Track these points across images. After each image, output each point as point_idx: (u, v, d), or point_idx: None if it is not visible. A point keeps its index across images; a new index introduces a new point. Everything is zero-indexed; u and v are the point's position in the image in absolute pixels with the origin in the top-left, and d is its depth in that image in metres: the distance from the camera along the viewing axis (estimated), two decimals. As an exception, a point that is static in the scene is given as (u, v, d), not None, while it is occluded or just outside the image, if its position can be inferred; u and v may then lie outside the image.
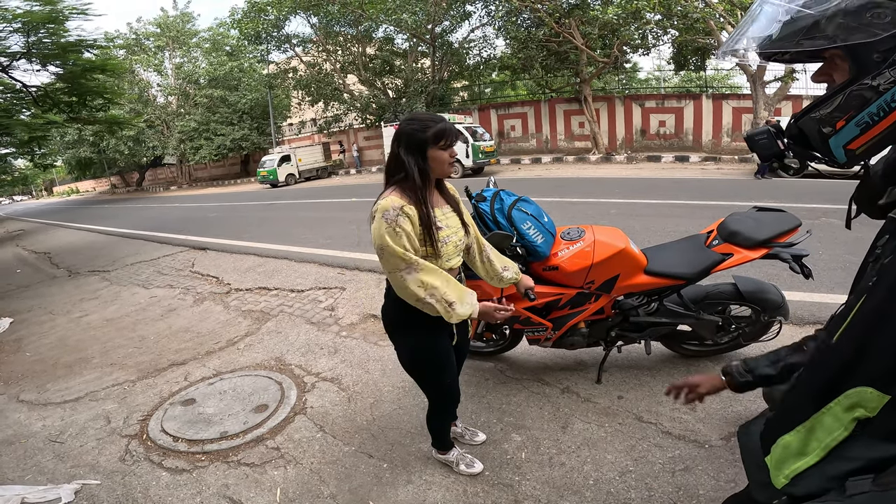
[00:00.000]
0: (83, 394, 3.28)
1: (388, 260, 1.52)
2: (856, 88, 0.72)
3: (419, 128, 1.54)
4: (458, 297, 1.56)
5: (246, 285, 5.32)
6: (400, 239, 1.51)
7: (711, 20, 13.72)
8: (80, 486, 2.30)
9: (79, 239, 11.61)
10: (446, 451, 2.15)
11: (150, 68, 28.83)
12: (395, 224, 1.50)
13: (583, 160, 17.20)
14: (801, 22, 0.74)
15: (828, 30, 0.71)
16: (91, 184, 47.02)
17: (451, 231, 1.68)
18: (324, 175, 23.21)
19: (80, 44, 9.19)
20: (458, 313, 1.55)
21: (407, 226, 1.52)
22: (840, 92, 0.75)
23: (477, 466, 2.13)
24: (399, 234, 1.51)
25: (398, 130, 1.58)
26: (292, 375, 3.18)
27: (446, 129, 1.56)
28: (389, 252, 1.50)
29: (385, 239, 1.49)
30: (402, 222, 1.51)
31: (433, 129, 1.54)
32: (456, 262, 1.74)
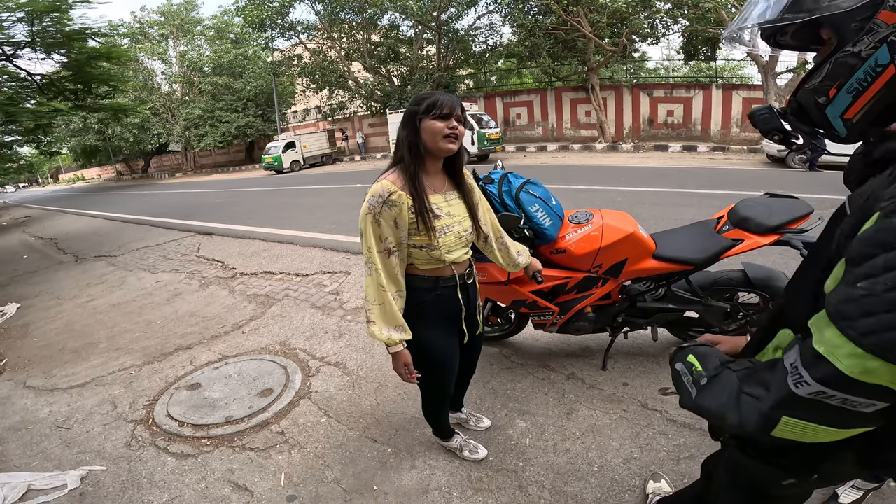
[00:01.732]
0: (90, 379, 3.29)
1: (363, 247, 1.50)
2: (840, 56, 0.75)
3: (415, 102, 1.48)
4: (381, 320, 1.51)
5: (251, 270, 5.33)
6: (377, 229, 1.45)
7: (723, 10, 13.49)
8: (86, 472, 2.31)
9: (85, 225, 11.66)
10: (448, 439, 2.14)
11: (154, 56, 28.76)
12: (376, 212, 1.44)
13: (589, 149, 17.06)
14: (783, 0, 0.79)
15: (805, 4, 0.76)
16: (96, 171, 47.14)
17: (454, 220, 1.56)
18: (328, 161, 23.18)
19: (84, 32, 9.17)
20: (372, 331, 1.52)
21: (391, 217, 1.44)
22: (826, 61, 0.78)
23: (481, 452, 2.13)
24: (377, 224, 1.45)
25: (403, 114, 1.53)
26: (297, 360, 3.18)
27: (440, 99, 1.44)
28: (364, 239, 1.48)
29: (362, 225, 1.47)
30: (385, 213, 1.43)
31: (427, 100, 1.45)
32: (459, 255, 1.61)
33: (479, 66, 22.60)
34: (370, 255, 1.47)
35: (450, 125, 1.45)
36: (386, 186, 1.44)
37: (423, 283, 1.60)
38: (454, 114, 1.45)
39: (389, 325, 1.52)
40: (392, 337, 1.52)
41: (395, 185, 1.45)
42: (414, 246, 1.53)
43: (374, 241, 1.46)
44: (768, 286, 2.40)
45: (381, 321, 1.52)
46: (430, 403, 2.00)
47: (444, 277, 1.62)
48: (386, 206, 1.43)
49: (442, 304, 1.66)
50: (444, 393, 1.92)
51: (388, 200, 1.43)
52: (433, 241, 1.50)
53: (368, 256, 1.48)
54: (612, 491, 1.88)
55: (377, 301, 1.51)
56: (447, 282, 1.63)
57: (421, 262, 1.57)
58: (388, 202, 1.43)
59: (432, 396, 1.96)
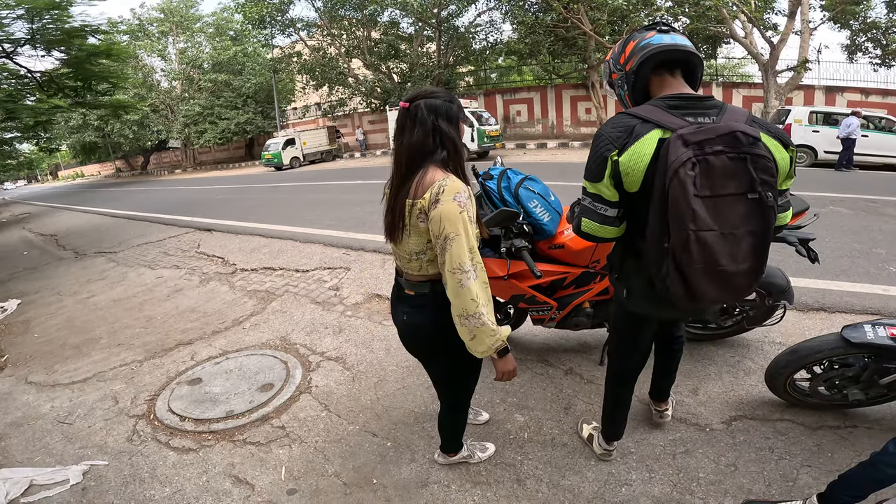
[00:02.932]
0: (91, 374, 3.31)
1: (460, 252, 1.30)
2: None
3: (449, 98, 1.40)
4: (492, 320, 1.37)
5: (251, 265, 5.34)
6: (471, 227, 1.34)
7: (724, 8, 13.46)
8: (88, 467, 2.32)
9: (84, 221, 11.66)
10: (457, 453, 2.03)
11: (153, 53, 28.71)
12: (468, 209, 1.32)
13: (589, 146, 17.02)
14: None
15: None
16: (96, 168, 47.08)
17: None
18: (328, 158, 23.18)
19: (84, 29, 9.17)
20: (501, 337, 1.37)
21: (474, 212, 1.37)
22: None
23: (490, 448, 2.13)
24: (472, 221, 1.33)
25: (428, 104, 1.37)
26: (297, 355, 3.21)
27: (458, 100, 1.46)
28: (462, 243, 1.30)
29: (461, 226, 1.30)
30: (472, 208, 1.35)
31: (456, 101, 1.43)
32: None
33: (480, 63, 22.59)
34: (474, 255, 1.34)
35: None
36: (460, 182, 1.37)
37: None
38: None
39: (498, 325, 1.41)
40: (506, 331, 1.43)
41: (462, 182, 1.39)
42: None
43: (473, 241, 1.35)
44: (764, 282, 2.42)
45: (493, 321, 1.38)
46: (465, 405, 1.87)
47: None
48: (471, 202, 1.37)
49: None
50: (473, 391, 1.87)
51: (472, 195, 1.38)
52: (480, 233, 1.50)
53: (471, 258, 1.33)
54: (608, 484, 1.91)
55: (489, 301, 1.38)
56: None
57: None
58: (471, 197, 1.38)
59: (466, 398, 1.84)
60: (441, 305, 1.43)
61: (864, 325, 1.90)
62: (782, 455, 1.95)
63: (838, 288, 3.36)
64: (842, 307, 3.08)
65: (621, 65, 1.48)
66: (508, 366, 1.47)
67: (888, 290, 3.29)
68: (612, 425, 1.96)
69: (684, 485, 1.87)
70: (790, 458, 1.94)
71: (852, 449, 1.95)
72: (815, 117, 11.21)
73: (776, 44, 13.90)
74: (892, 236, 4.47)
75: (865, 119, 10.85)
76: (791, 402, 2.19)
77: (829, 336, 2.00)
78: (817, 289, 3.34)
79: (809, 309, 3.10)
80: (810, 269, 3.32)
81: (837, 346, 1.93)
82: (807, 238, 2.15)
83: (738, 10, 13.42)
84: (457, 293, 1.33)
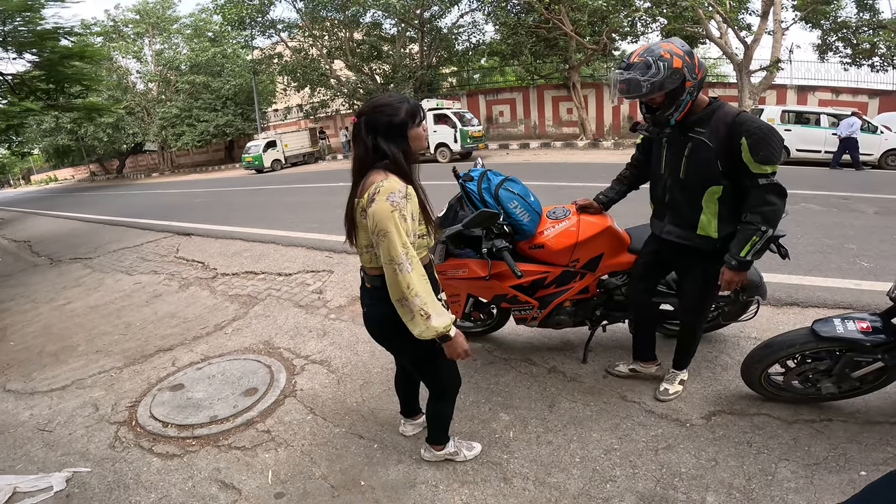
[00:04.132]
0: (70, 382, 3.25)
1: (391, 247, 1.44)
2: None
3: (392, 112, 1.49)
4: (435, 311, 1.49)
5: (233, 270, 5.28)
6: (405, 224, 1.46)
7: (700, 8, 13.74)
8: (72, 474, 2.29)
9: (59, 227, 11.36)
10: (445, 444, 2.07)
11: (128, 55, 28.10)
12: (401, 208, 1.44)
13: (570, 146, 17.24)
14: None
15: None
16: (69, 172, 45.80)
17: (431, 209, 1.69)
18: (311, 160, 22.99)
19: (56, 31, 8.94)
20: (434, 325, 1.48)
21: (411, 210, 1.48)
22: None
23: (476, 447, 2.15)
24: (405, 219, 1.46)
25: (368, 121, 1.50)
26: (281, 358, 3.18)
27: (416, 105, 1.54)
28: (393, 238, 1.43)
29: (391, 223, 1.43)
30: (408, 206, 1.47)
31: (405, 108, 1.51)
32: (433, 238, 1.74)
33: (462, 63, 22.64)
34: (407, 249, 1.45)
35: (424, 127, 1.59)
36: (398, 182, 1.48)
37: None
38: (425, 116, 1.60)
39: (441, 312, 1.51)
40: (449, 318, 1.53)
41: (402, 182, 1.49)
42: (420, 236, 1.59)
43: (405, 236, 1.46)
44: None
45: (436, 309, 1.50)
46: (450, 394, 1.92)
47: (427, 264, 1.69)
48: (406, 200, 1.47)
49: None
50: (458, 378, 1.91)
51: (407, 194, 1.48)
52: (430, 229, 1.62)
53: (405, 252, 1.45)
54: (594, 481, 1.94)
55: (428, 290, 1.49)
56: (429, 267, 1.70)
57: (419, 252, 1.61)
58: (407, 196, 1.48)
59: (450, 385, 1.90)
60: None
61: (834, 320, 1.96)
62: (760, 449, 2.01)
63: (811, 283, 3.46)
64: (814, 302, 3.18)
65: (696, 73, 1.73)
66: (451, 350, 1.57)
67: (859, 285, 3.40)
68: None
69: (667, 480, 1.91)
70: (768, 452, 1.99)
71: (828, 442, 2.00)
72: (787, 116, 11.51)
73: (750, 44, 14.25)
74: (863, 232, 4.63)
75: (836, 117, 11.18)
76: (767, 396, 2.25)
77: (800, 330, 2.07)
78: (790, 284, 3.44)
79: (783, 304, 3.19)
80: (783, 265, 3.41)
81: (808, 340, 1.99)
82: (777, 235, 2.22)
83: (713, 10, 13.71)
84: (392, 281, 1.48)
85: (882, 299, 3.03)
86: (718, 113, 1.81)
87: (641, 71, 1.71)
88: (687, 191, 1.93)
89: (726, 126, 1.77)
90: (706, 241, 1.97)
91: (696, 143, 1.83)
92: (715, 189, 1.86)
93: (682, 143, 1.89)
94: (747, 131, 1.72)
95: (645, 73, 1.70)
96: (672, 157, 1.95)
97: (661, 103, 1.79)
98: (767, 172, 1.73)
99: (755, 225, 1.79)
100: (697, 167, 1.86)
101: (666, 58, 1.69)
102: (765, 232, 1.79)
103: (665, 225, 2.09)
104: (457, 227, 2.21)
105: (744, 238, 1.83)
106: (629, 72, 1.74)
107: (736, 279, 1.91)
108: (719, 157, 1.79)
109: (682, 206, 1.97)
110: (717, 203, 1.88)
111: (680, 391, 2.36)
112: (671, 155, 1.95)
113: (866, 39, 15.09)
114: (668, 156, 1.97)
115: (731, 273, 1.90)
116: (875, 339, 1.86)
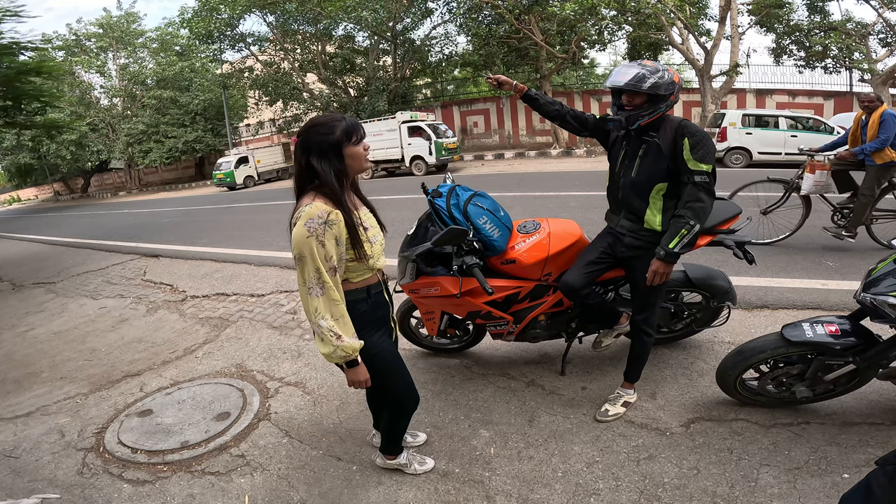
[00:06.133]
0: (34, 408, 3.13)
1: (304, 271, 1.47)
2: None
3: (326, 131, 1.48)
4: (347, 331, 1.53)
5: (203, 292, 5.13)
6: (322, 250, 1.46)
7: (662, 15, 14.20)
8: (41, 500, 2.20)
9: (21, 250, 10.90)
10: (397, 455, 2.11)
11: (91, 70, 27.28)
12: (318, 234, 1.45)
13: (544, 155, 17.48)
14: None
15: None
16: (33, 191, 44.13)
17: (375, 231, 1.67)
18: (285, 176, 22.66)
19: (13, 46, 8.64)
20: (344, 345, 1.51)
21: (332, 236, 1.48)
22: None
23: (429, 462, 2.15)
24: (322, 245, 1.46)
25: (302, 141, 1.50)
26: (254, 381, 3.09)
27: (354, 124, 1.52)
28: (307, 263, 1.46)
29: (306, 249, 1.44)
30: (327, 233, 1.46)
31: (341, 127, 1.49)
32: (383, 261, 1.73)
33: (436, 75, 22.79)
34: (319, 275, 1.47)
35: (365, 146, 1.58)
36: (321, 208, 1.47)
37: (358, 294, 1.66)
38: (364, 136, 1.58)
39: (352, 335, 1.56)
40: (358, 344, 1.56)
41: (328, 206, 1.48)
42: (351, 259, 1.59)
43: (321, 262, 1.47)
44: (709, 285, 2.53)
45: (347, 332, 1.54)
46: (403, 410, 1.95)
47: (373, 285, 1.71)
48: (327, 226, 1.46)
49: (376, 310, 1.74)
50: (414, 394, 1.91)
51: (328, 220, 1.46)
52: (367, 251, 1.59)
53: (318, 277, 1.47)
54: (577, 495, 1.92)
55: (336, 315, 1.52)
56: (376, 288, 1.73)
57: (356, 274, 1.64)
58: (328, 222, 1.46)
59: (407, 399, 1.91)
60: None
61: (803, 324, 1.99)
62: (741, 455, 2.02)
63: (779, 285, 3.56)
64: (783, 303, 3.26)
65: (677, 95, 2.03)
66: (355, 376, 1.61)
67: (826, 284, 3.51)
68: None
69: (651, 491, 1.90)
70: (749, 457, 2.00)
71: (808, 445, 2.03)
72: (748, 120, 11.85)
73: (710, 49, 14.76)
74: (825, 232, 4.78)
75: (794, 120, 11.61)
76: (743, 401, 2.27)
77: (770, 336, 2.10)
78: (759, 286, 3.52)
79: (753, 307, 3.26)
80: (751, 269, 3.50)
81: (779, 345, 2.02)
82: (743, 241, 2.27)
83: (675, 17, 14.18)
84: (304, 302, 1.52)
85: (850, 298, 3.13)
86: (666, 120, 2.05)
87: (650, 70, 1.93)
88: (637, 187, 2.12)
89: (672, 129, 2.01)
90: (653, 235, 2.12)
91: (651, 144, 2.05)
92: (661, 186, 2.06)
93: (637, 146, 2.11)
94: (690, 133, 1.96)
95: (653, 74, 1.92)
96: (628, 159, 2.16)
97: (641, 105, 1.98)
98: (703, 170, 1.93)
99: (685, 219, 1.96)
100: (649, 166, 2.06)
101: (669, 72, 1.96)
102: (693, 226, 1.95)
103: (619, 220, 2.25)
104: (426, 246, 2.18)
105: (674, 231, 1.99)
106: (640, 66, 1.95)
107: (662, 270, 2.03)
108: (667, 157, 2.01)
109: (632, 201, 2.15)
110: (661, 199, 2.08)
111: (621, 413, 2.34)
112: (627, 156, 2.16)
113: (818, 42, 15.55)
114: (624, 157, 2.17)
115: (659, 263, 2.02)
116: (845, 342, 1.89)
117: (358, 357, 1.58)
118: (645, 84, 1.91)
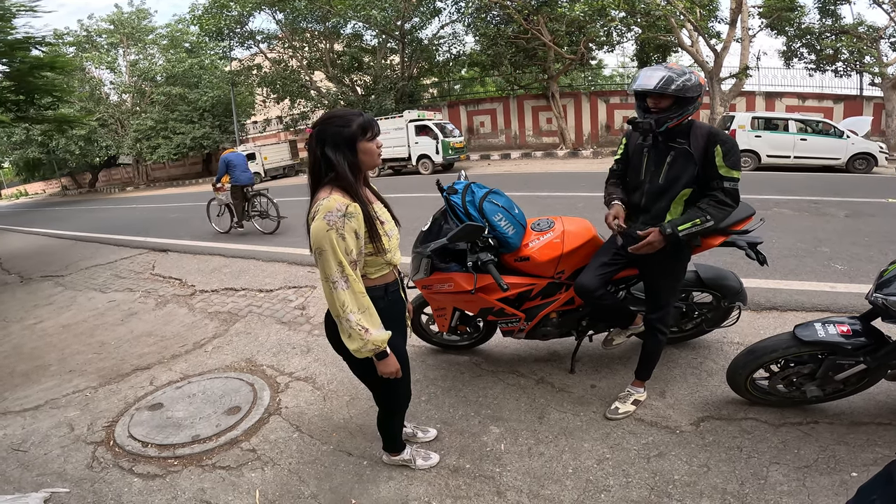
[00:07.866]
0: (43, 402, 3.14)
1: (326, 265, 1.46)
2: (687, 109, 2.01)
3: (342, 124, 1.49)
4: (373, 324, 1.54)
5: (212, 286, 5.16)
6: (343, 243, 1.45)
7: (672, 17, 14.14)
8: (49, 495, 2.22)
9: (30, 243, 10.99)
10: (399, 452, 2.13)
11: (102, 66, 27.46)
12: (338, 227, 1.44)
13: (551, 155, 17.46)
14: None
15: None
16: (40, 186, 44.47)
17: (391, 225, 1.66)
18: (291, 173, 22.73)
19: (27, 41, 8.72)
20: (374, 338, 1.52)
21: (351, 229, 1.47)
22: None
23: (433, 458, 2.16)
24: (342, 238, 1.45)
25: (318, 132, 1.50)
26: (264, 376, 3.11)
27: (370, 120, 1.53)
28: (328, 257, 1.45)
29: (326, 242, 1.44)
30: (347, 225, 1.45)
31: (357, 121, 1.49)
32: (399, 257, 1.73)
33: (443, 74, 22.80)
34: (342, 268, 1.46)
35: (378, 143, 1.58)
36: (339, 200, 1.47)
37: (377, 291, 1.65)
38: (378, 132, 1.58)
39: (379, 326, 1.56)
40: (386, 335, 1.56)
41: (346, 199, 1.48)
42: (369, 253, 1.58)
43: (342, 255, 1.46)
44: (719, 285, 2.53)
45: (374, 325, 1.54)
46: (394, 410, 1.99)
47: (391, 283, 1.71)
48: (346, 219, 1.46)
49: (393, 308, 1.73)
50: (408, 396, 1.96)
51: (346, 213, 1.46)
52: (385, 244, 1.59)
53: (340, 271, 1.46)
54: (588, 492, 1.93)
55: (363, 308, 1.53)
56: (393, 286, 1.73)
57: (374, 269, 1.64)
58: (347, 214, 1.46)
59: (396, 403, 1.95)
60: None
61: (815, 324, 2.00)
62: (751, 453, 2.02)
63: (788, 287, 3.55)
64: (793, 305, 3.25)
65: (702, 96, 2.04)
66: (386, 368, 1.63)
67: (835, 287, 3.50)
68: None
69: (661, 488, 1.91)
70: (758, 455, 2.01)
71: (816, 444, 2.03)
72: (757, 122, 11.78)
73: (720, 51, 14.68)
74: (834, 235, 4.78)
75: (804, 123, 11.55)
76: (753, 400, 2.28)
77: (782, 335, 2.11)
78: (769, 288, 3.52)
79: (763, 308, 3.25)
80: (761, 270, 3.49)
81: (791, 344, 2.03)
82: (755, 242, 2.27)
83: (684, 18, 14.11)
84: (329, 298, 1.51)
85: (858, 300, 3.13)
86: (695, 127, 2.06)
87: (677, 73, 1.95)
88: (662, 194, 2.12)
89: (703, 136, 2.02)
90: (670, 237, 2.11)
91: (679, 151, 2.05)
92: (686, 192, 2.08)
93: (664, 152, 2.09)
94: (721, 141, 1.99)
95: (680, 77, 1.94)
96: (653, 165, 2.14)
97: (668, 107, 1.98)
98: (735, 177, 1.98)
99: (705, 212, 1.98)
100: (678, 172, 2.06)
101: (695, 74, 1.98)
102: (707, 221, 1.97)
103: (637, 225, 2.22)
104: (441, 241, 2.20)
105: (689, 217, 2.00)
106: (667, 69, 1.96)
107: (654, 242, 2.02)
108: (697, 163, 2.02)
109: (654, 207, 2.16)
110: (683, 204, 2.10)
111: (631, 411, 2.35)
112: (652, 162, 2.14)
113: (829, 45, 15.48)
114: (649, 164, 2.15)
115: (658, 237, 2.02)
116: (856, 342, 1.91)
117: (387, 348, 1.58)
118: (672, 86, 1.93)
